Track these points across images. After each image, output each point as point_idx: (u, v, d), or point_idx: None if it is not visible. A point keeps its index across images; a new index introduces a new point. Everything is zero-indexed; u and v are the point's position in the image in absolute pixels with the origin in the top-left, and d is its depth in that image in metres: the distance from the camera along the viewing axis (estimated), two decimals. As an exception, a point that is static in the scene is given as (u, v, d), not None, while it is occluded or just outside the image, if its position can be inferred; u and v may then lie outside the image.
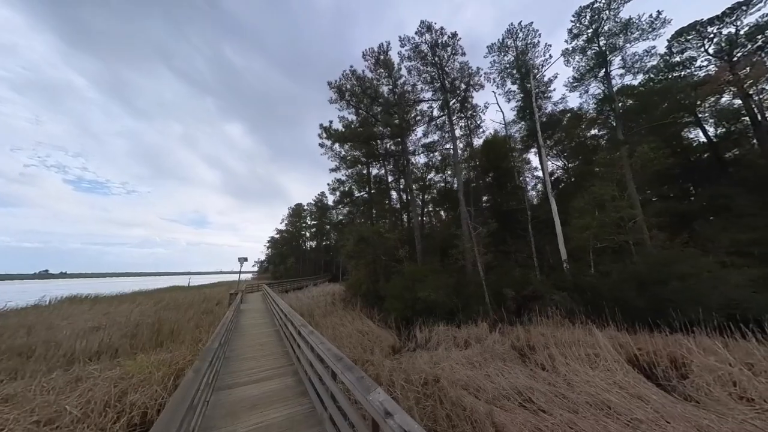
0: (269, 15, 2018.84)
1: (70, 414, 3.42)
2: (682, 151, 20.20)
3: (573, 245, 11.42)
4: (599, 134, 21.58)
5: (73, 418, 3.37)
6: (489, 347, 6.28)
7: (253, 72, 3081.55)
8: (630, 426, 3.64)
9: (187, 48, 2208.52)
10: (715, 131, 20.29)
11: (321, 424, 2.90)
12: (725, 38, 18.65)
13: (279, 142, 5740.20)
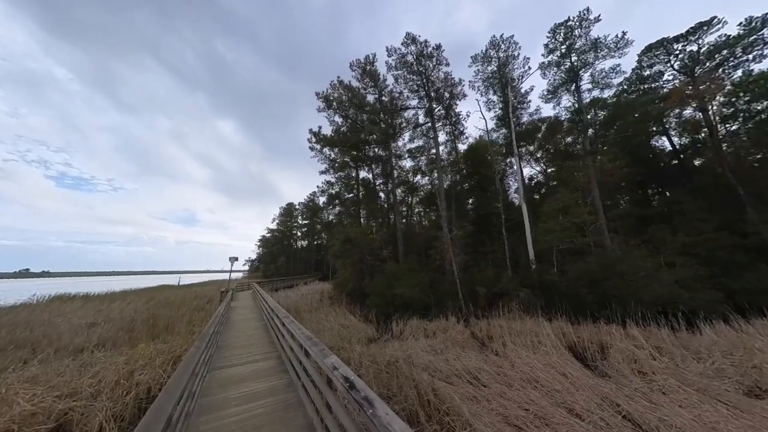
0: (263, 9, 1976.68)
1: (87, 390, 4.10)
2: (654, 158, 21.69)
3: (540, 247, 12.54)
4: (575, 141, 23.00)
5: (90, 392, 4.05)
6: (451, 337, 7.22)
7: (246, 67, 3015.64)
8: (548, 395, 4.59)
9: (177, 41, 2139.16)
10: (679, 141, 21.93)
11: (296, 390, 3.71)
12: (688, 55, 20.30)
13: (272, 139, 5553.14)
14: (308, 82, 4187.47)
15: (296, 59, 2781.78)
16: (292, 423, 2.96)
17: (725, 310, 8.14)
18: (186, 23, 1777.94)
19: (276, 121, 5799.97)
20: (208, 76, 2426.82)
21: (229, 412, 3.15)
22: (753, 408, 3.92)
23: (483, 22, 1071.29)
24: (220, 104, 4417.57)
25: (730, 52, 18.55)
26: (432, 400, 3.99)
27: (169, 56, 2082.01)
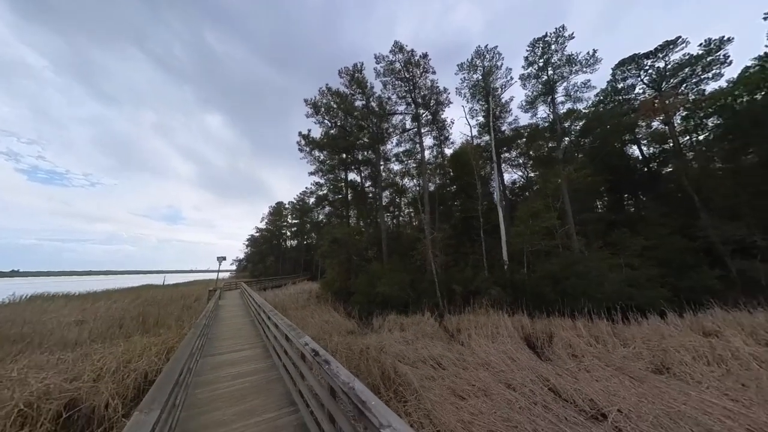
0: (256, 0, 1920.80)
1: (89, 374, 4.62)
2: (627, 166, 23.12)
3: (513, 248, 13.59)
4: (553, 149, 24.39)
5: (92, 377, 4.58)
6: (422, 330, 8.04)
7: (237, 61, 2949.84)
8: (495, 374, 5.44)
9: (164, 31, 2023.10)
10: (647, 150, 23.58)
11: (277, 370, 4.39)
12: (656, 71, 22.00)
13: (262, 135, 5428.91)
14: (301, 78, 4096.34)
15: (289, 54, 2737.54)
16: (274, 392, 3.65)
17: (663, 305, 9.32)
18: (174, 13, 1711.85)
19: (267, 116, 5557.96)
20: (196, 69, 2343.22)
21: (220, 386, 3.80)
22: (651, 381, 4.89)
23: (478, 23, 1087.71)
24: (208, 98, 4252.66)
25: (692, 70, 20.26)
26: (392, 377, 4.77)
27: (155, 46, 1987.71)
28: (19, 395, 3.55)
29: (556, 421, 3.75)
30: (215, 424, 2.90)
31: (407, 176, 24.83)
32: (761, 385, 4.32)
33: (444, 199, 22.75)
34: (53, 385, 4.06)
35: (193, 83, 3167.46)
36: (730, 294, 11.92)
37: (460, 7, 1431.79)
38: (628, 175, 22.40)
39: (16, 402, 3.39)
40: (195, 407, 3.24)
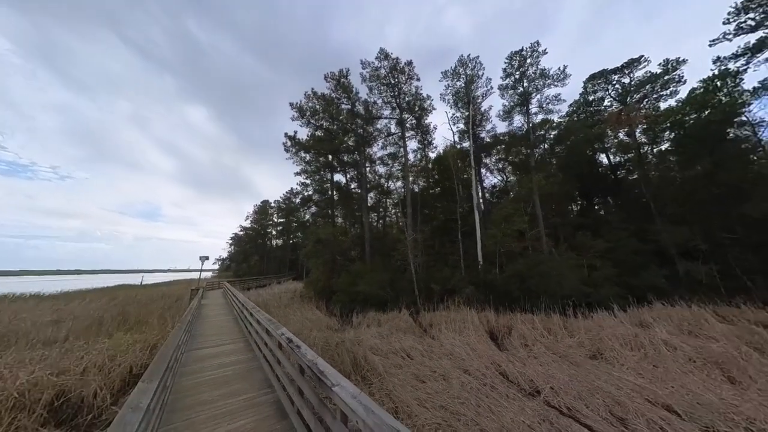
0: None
1: (75, 369, 4.88)
2: (598, 173, 24.73)
3: (486, 250, 14.55)
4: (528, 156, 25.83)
5: (79, 371, 4.84)
6: (397, 325, 8.69)
7: (222, 52, 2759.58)
8: (455, 362, 6.14)
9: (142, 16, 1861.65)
10: (613, 159, 25.40)
11: (258, 361, 4.86)
12: (622, 86, 23.84)
13: (249, 131, 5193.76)
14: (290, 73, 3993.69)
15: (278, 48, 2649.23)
16: (254, 378, 4.13)
17: (611, 301, 10.48)
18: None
19: (254, 111, 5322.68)
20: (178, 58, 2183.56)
21: (205, 374, 4.23)
22: (585, 364, 5.75)
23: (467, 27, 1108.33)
24: (190, 89, 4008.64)
25: (652, 87, 22.16)
26: (362, 364, 5.36)
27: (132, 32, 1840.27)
28: (11, 386, 3.82)
29: (498, 397, 4.47)
30: (201, 403, 3.36)
31: (392, 178, 25.53)
32: (666, 365, 5.26)
33: (427, 202, 23.60)
34: (41, 378, 4.32)
35: (174, 73, 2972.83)
36: (677, 291, 13.39)
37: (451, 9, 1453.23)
38: (598, 181, 24.06)
39: (10, 392, 3.67)
40: (181, 392, 3.67)
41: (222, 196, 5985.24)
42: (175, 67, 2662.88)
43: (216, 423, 2.95)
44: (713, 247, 14.69)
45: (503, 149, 25.74)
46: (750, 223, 13.59)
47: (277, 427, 2.93)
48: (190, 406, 3.32)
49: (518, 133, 22.83)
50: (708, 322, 7.81)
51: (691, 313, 8.58)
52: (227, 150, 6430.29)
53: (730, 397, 4.13)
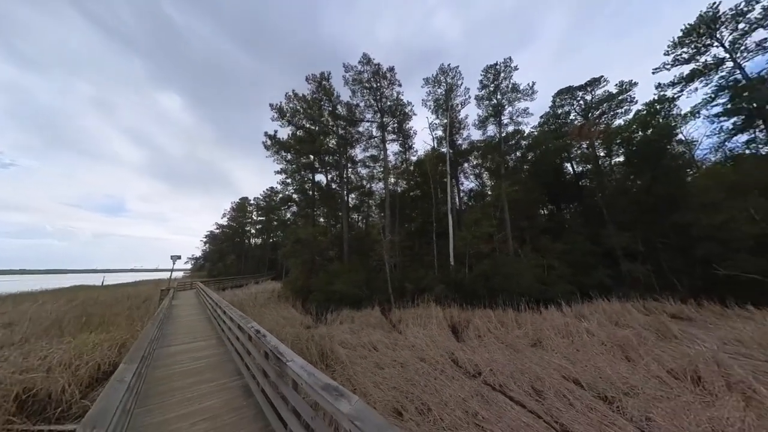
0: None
1: (39, 367, 4.95)
2: (564, 181, 26.70)
3: (459, 251, 15.60)
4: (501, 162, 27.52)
5: (44, 369, 4.91)
6: (367, 321, 9.29)
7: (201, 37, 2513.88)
8: (415, 352, 6.83)
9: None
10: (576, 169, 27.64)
11: (230, 354, 5.22)
12: (585, 102, 26.11)
13: (229, 122, 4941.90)
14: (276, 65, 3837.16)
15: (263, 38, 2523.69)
16: (225, 368, 4.52)
17: (559, 298, 11.82)
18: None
19: (235, 103, 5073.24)
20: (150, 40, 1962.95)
21: (177, 367, 4.55)
22: (525, 351, 6.69)
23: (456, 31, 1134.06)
24: (163, 75, 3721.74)
25: (609, 105, 24.53)
26: (328, 355, 5.90)
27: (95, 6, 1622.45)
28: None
29: (444, 379, 5.20)
30: (173, 389, 3.73)
31: (375, 180, 26.11)
32: (585, 348, 6.31)
33: (407, 204, 24.44)
34: (4, 376, 4.41)
35: (145, 56, 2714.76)
36: (620, 288, 15.17)
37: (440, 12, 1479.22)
38: (564, 189, 26.15)
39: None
40: (154, 382, 3.99)
41: (198, 191, 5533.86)
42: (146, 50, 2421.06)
43: (188, 404, 3.36)
44: (650, 250, 16.79)
45: (479, 155, 27.26)
46: (678, 230, 15.70)
47: (243, 404, 3.39)
48: (163, 392, 3.67)
49: (493, 141, 24.37)
50: (630, 314, 9.19)
51: (620, 307, 10.00)
52: (204, 142, 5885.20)
53: (623, 371, 5.16)
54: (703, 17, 17.15)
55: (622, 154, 22.38)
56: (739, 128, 16.64)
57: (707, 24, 17.02)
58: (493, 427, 3.69)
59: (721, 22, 16.75)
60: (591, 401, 4.32)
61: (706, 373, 4.65)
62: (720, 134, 17.75)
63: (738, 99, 16.27)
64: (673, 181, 16.85)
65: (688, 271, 15.31)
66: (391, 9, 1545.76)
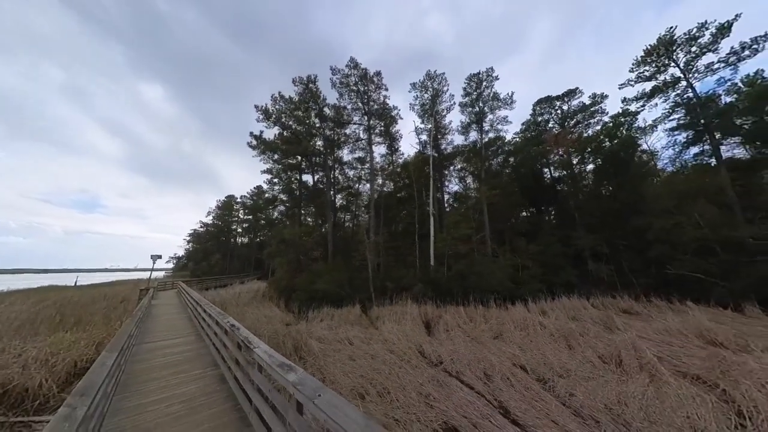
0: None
1: (14, 364, 5.09)
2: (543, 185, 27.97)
3: (439, 252, 16.35)
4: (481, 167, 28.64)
5: (19, 366, 5.05)
6: (346, 319, 9.77)
7: (187, 25, 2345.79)
8: (386, 346, 7.37)
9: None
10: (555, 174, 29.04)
11: (207, 348, 5.55)
12: (562, 112, 27.59)
13: (216, 115, 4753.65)
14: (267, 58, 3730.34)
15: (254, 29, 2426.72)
16: (203, 360, 4.87)
17: (526, 295, 12.75)
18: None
19: (223, 95, 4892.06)
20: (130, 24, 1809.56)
21: (156, 360, 4.85)
22: (487, 343, 7.38)
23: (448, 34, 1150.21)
24: (144, 63, 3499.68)
25: (583, 115, 26.08)
26: (302, 348, 6.33)
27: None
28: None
29: (408, 368, 5.76)
30: (152, 379, 4.06)
31: (362, 181, 26.53)
32: (537, 339, 7.08)
33: (394, 205, 25.03)
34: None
35: (124, 42, 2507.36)
36: (586, 286, 16.37)
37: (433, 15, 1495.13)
38: (543, 192, 27.54)
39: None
40: (134, 374, 4.29)
41: (182, 187, 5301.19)
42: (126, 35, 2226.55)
43: (165, 390, 3.72)
44: (613, 251, 18.18)
45: (463, 159, 28.27)
46: (637, 233, 17.12)
47: (217, 389, 3.79)
48: (141, 382, 4.00)
49: (475, 146, 25.40)
50: (586, 309, 10.16)
51: (579, 303, 10.98)
52: (189, 136, 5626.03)
53: (564, 358, 5.91)
54: (661, 39, 18.72)
55: (593, 162, 23.96)
56: (691, 142, 18.33)
57: (665, 46, 18.60)
58: (441, 405, 4.27)
59: (677, 44, 18.37)
60: (529, 383, 5.00)
61: (626, 357, 5.46)
62: (675, 147, 19.46)
63: (689, 116, 17.94)
64: (634, 188, 18.34)
65: (645, 270, 16.76)
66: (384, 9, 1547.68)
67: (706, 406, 4.09)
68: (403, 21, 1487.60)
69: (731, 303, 11.92)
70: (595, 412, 4.07)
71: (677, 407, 4.07)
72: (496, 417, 3.96)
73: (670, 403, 4.17)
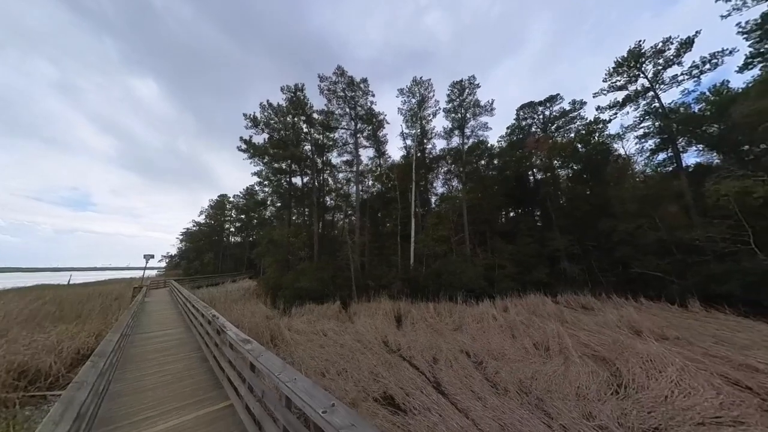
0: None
1: (25, 351, 5.90)
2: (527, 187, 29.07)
3: (419, 252, 17.38)
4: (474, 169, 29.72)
5: (30, 353, 5.87)
6: (324, 313, 10.71)
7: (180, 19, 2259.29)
8: (356, 336, 8.31)
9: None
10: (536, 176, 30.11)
11: (194, 337, 6.44)
12: (544, 117, 28.74)
13: (212, 113, 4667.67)
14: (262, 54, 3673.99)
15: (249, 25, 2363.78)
16: (189, 346, 5.77)
17: (493, 292, 13.84)
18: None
19: (219, 92, 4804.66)
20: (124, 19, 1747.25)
21: (150, 346, 5.73)
22: (446, 333, 8.37)
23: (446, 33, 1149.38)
24: (139, 58, 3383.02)
25: (564, 120, 27.25)
26: (278, 336, 7.26)
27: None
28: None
29: (369, 353, 6.72)
30: (147, 359, 4.95)
31: (350, 183, 27.41)
32: (488, 330, 8.10)
33: (380, 207, 25.98)
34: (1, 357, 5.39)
35: (118, 36, 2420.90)
36: (559, 285, 17.53)
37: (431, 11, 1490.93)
38: (527, 194, 28.69)
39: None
40: (130, 357, 5.16)
41: (175, 184, 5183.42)
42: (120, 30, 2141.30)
43: (159, 367, 4.62)
44: (584, 251, 19.40)
45: (449, 162, 29.32)
46: (605, 235, 18.33)
47: (200, 366, 4.71)
48: (139, 361, 4.89)
49: (458, 150, 26.43)
50: (545, 305, 11.25)
51: (540, 300, 12.08)
52: (184, 133, 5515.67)
53: (505, 345, 6.94)
54: (632, 52, 19.92)
55: (569, 167, 25.18)
56: (658, 149, 19.61)
57: (635, 58, 19.80)
58: (386, 380, 5.24)
59: (645, 57, 19.58)
60: (466, 364, 6.00)
61: (552, 344, 6.49)
62: (643, 153, 20.73)
63: (656, 124, 19.22)
64: (603, 192, 19.57)
65: (612, 269, 18.02)
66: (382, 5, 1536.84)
67: (598, 379, 5.13)
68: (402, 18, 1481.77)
69: (677, 299, 13.19)
70: (509, 385, 5.07)
71: (574, 380, 5.09)
72: (427, 389, 4.94)
73: (571, 377, 5.20)
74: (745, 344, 6.83)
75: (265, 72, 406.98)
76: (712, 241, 13.36)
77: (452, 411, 4.16)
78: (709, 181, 13.04)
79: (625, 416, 3.97)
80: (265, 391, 2.61)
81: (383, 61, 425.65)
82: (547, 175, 27.22)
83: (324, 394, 1.73)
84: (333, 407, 1.56)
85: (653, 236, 15.74)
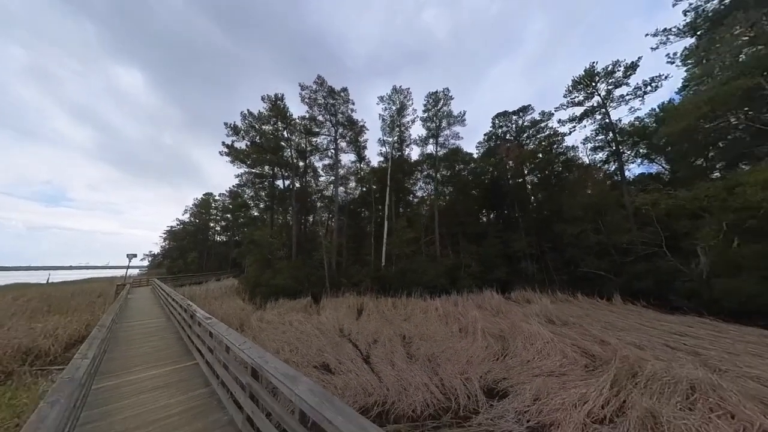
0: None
1: (24, 338, 7.01)
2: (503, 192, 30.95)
3: (390, 252, 18.95)
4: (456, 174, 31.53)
5: (30, 339, 6.98)
6: (295, 308, 12.10)
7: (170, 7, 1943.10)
8: (318, 326, 9.71)
9: None
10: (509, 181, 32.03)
11: (174, 326, 7.68)
12: (517, 125, 30.75)
13: (200, 106, 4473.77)
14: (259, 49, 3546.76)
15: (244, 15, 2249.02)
16: (168, 331, 7.04)
17: (450, 288, 15.55)
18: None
19: (209, 85, 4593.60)
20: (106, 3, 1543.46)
21: (136, 330, 6.95)
22: (397, 323, 9.89)
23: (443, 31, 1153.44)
24: (122, 46, 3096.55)
25: (534, 130, 29.31)
26: (246, 324, 8.60)
27: None
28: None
29: (323, 338, 8.15)
30: (132, 340, 6.19)
31: (330, 186, 28.70)
32: (431, 320, 9.69)
33: (357, 209, 27.39)
34: (6, 339, 6.51)
35: (99, 21, 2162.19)
36: (519, 282, 19.44)
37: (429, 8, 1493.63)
38: (501, 199, 30.64)
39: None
40: (120, 339, 6.38)
41: (159, 180, 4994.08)
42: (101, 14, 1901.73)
43: (142, 344, 5.90)
44: (541, 252, 21.47)
45: (428, 167, 31.02)
46: (557, 237, 20.43)
47: (176, 343, 6.02)
48: (126, 341, 6.14)
49: (433, 157, 28.16)
50: (492, 299, 13.00)
51: (489, 295, 13.85)
52: (169, 126, 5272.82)
53: (438, 330, 8.53)
54: (587, 71, 22.10)
55: (534, 175, 27.34)
56: (606, 160, 21.93)
57: (590, 77, 21.99)
58: (328, 355, 6.69)
59: (599, 76, 21.80)
60: (397, 343, 7.54)
61: (470, 328, 8.13)
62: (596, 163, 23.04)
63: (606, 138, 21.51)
64: (557, 199, 21.70)
65: (564, 269, 20.14)
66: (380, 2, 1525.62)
67: (492, 351, 6.76)
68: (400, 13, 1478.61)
69: (611, 294, 15.27)
70: (421, 356, 6.63)
71: (472, 352, 6.70)
72: (357, 360, 6.43)
73: (471, 350, 6.81)
74: (623, 327, 8.70)
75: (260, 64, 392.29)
76: (636, 245, 15.52)
77: (368, 372, 5.66)
78: (634, 194, 15.21)
79: (488, 373, 5.59)
80: (216, 346, 4.00)
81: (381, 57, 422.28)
82: (517, 181, 29.29)
83: (246, 340, 3.15)
84: (245, 343, 2.99)
85: (594, 239, 17.88)
